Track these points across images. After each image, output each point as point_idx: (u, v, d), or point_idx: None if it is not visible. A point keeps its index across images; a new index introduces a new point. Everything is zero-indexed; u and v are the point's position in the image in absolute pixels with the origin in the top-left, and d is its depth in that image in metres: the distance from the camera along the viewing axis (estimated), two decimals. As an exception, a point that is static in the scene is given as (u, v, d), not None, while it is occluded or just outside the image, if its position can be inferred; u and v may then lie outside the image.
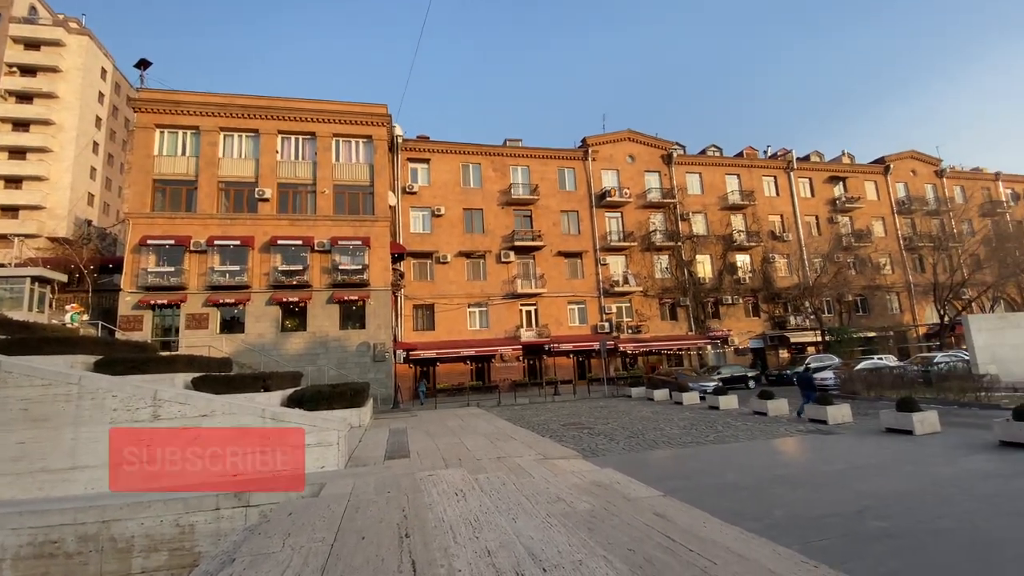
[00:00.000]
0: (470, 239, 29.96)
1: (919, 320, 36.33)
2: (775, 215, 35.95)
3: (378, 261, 24.61)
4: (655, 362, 31.59)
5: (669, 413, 16.91)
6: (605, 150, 33.77)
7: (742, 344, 32.93)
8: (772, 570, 4.01)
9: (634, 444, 11.60)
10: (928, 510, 6.10)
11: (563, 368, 29.46)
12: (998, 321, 20.50)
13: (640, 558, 4.19)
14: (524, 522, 5.24)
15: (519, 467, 8.78)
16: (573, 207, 32.32)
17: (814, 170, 37.98)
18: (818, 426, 12.73)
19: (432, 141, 31.14)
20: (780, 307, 34.00)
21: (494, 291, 29.49)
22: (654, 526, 5.10)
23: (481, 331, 28.95)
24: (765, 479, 7.98)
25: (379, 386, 23.11)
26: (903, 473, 7.94)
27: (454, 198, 30.30)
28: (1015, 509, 5.96)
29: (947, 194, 40.23)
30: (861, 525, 5.68)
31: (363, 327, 23.95)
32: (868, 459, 9.05)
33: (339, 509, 6.05)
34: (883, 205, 38.54)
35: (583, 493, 6.49)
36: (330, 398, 14.34)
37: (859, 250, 35.74)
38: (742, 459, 9.61)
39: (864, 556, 4.84)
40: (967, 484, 7.11)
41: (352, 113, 25.99)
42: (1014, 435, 9.06)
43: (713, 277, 33.16)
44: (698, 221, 34.38)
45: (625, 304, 31.75)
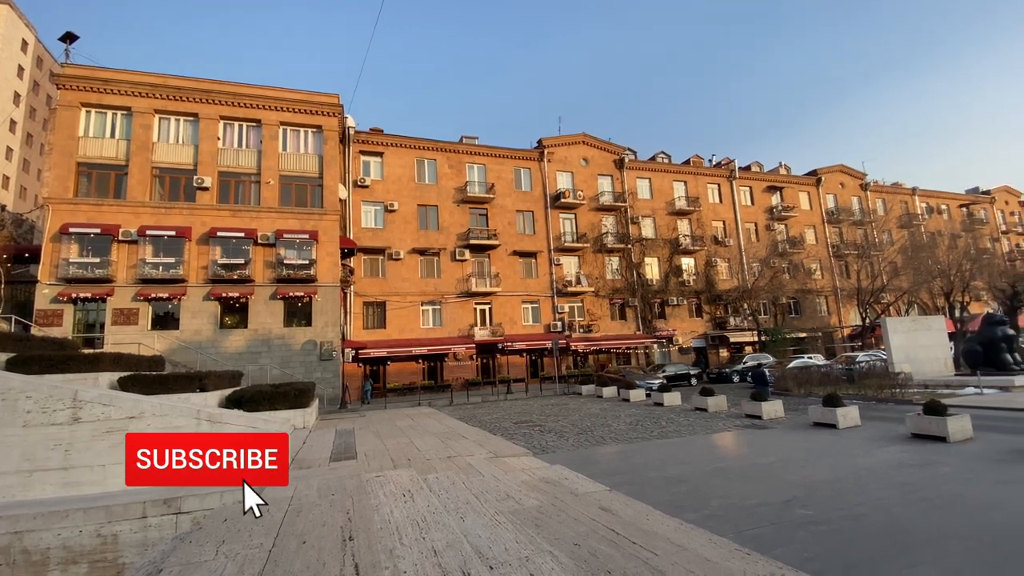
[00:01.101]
0: (424, 236, 29.55)
1: (844, 322, 39.26)
2: (718, 221, 37.75)
3: (327, 256, 23.80)
4: (605, 360, 32.40)
5: (617, 410, 17.39)
6: (560, 152, 34.25)
7: (686, 343, 34.36)
8: (708, 558, 4.22)
9: (583, 441, 11.85)
10: (848, 498, 6.60)
11: (516, 367, 29.64)
12: (912, 324, 22.49)
13: (585, 552, 4.29)
14: (472, 521, 5.24)
15: (469, 466, 8.76)
16: (529, 207, 32.57)
17: (754, 179, 40.20)
18: (753, 421, 13.49)
19: (386, 135, 30.46)
20: (721, 308, 35.74)
21: (448, 289, 29.24)
22: (599, 520, 5.24)
23: (434, 329, 28.63)
24: (704, 472, 8.37)
25: (326, 386, 22.38)
26: (827, 464, 8.55)
27: (408, 194, 29.78)
28: (923, 496, 6.56)
29: (870, 206, 43.71)
30: (789, 513, 6.07)
31: (309, 325, 23.09)
32: (797, 452, 9.69)
33: (279, 514, 5.81)
34: (814, 214, 41.36)
35: (532, 490, 6.57)
36: (272, 398, 13.75)
37: (793, 256, 38.19)
38: (683, 453, 10.03)
39: (790, 542, 5.17)
40: (883, 473, 7.75)
41: (301, 102, 24.97)
42: (924, 428, 9.97)
43: (660, 279, 34.38)
44: (647, 225, 35.54)
45: (577, 304, 32.35)
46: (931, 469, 7.81)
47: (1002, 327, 19.55)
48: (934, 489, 6.79)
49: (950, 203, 48.45)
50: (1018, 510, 5.84)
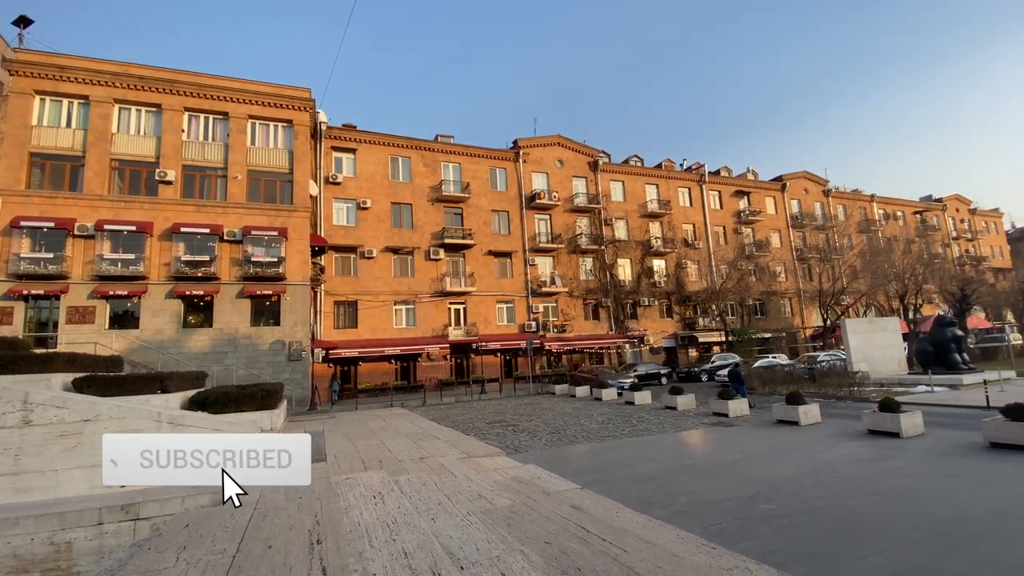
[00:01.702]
0: (398, 234, 29.23)
1: (807, 323, 40.76)
2: (688, 224, 38.64)
3: (296, 254, 23.26)
4: (578, 360, 32.74)
5: (589, 409, 17.60)
6: (536, 153, 34.43)
7: (656, 343, 35.04)
8: (675, 554, 4.33)
9: (555, 440, 11.96)
10: (808, 492, 6.87)
11: (490, 367, 29.63)
12: (869, 325, 23.53)
13: (556, 550, 4.34)
14: (444, 522, 5.22)
15: (442, 467, 8.73)
16: (504, 207, 32.61)
17: (723, 184, 41.30)
18: (720, 419, 13.88)
19: (359, 131, 30.00)
20: (691, 309, 36.58)
21: (422, 289, 29.01)
22: (570, 518, 5.30)
23: (408, 329, 28.36)
24: (673, 469, 8.57)
25: (295, 387, 21.88)
26: (789, 460, 8.88)
27: (382, 191, 29.40)
28: (876, 489, 6.88)
29: (832, 212, 45.49)
30: (753, 508, 6.28)
31: (278, 324, 22.52)
32: (761, 448, 10.02)
33: (243, 518, 5.67)
34: (780, 219, 42.78)
35: (504, 490, 6.59)
36: (238, 400, 13.36)
37: (759, 259, 39.40)
38: (653, 451, 10.24)
39: (753, 536, 5.35)
40: (840, 468, 8.09)
41: (271, 95, 24.33)
42: (879, 425, 10.46)
43: (632, 280, 34.94)
44: (620, 227, 36.07)
45: (551, 304, 32.58)
46: (885, 463, 8.20)
47: (951, 328, 20.65)
48: (887, 482, 7.13)
49: (905, 210, 50.88)
50: (962, 502, 6.19)
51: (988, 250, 54.12)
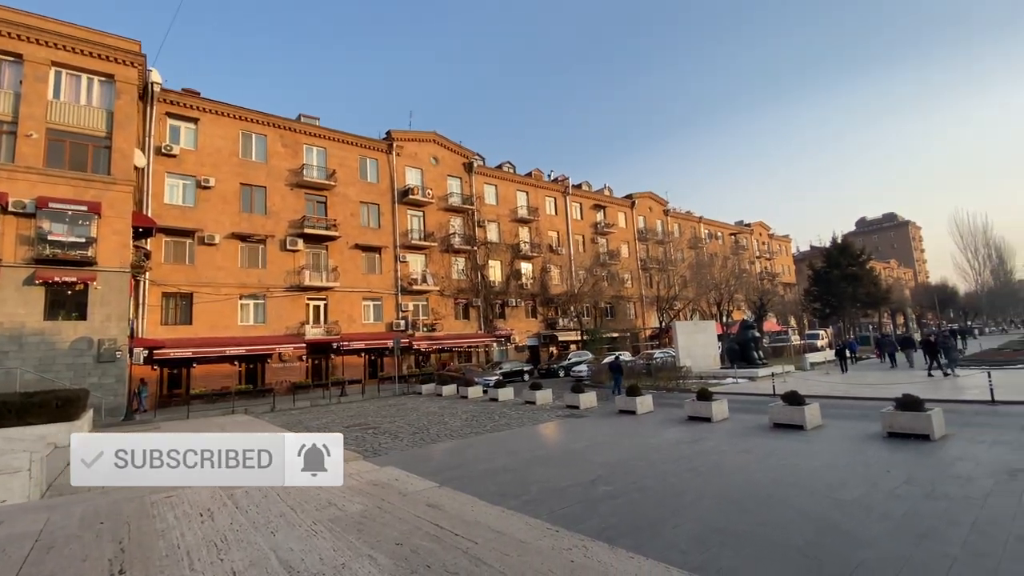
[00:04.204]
0: (248, 220, 26.16)
1: (647, 324, 46.29)
2: (553, 231, 41.25)
3: (112, 235, 19.45)
4: (447, 359, 32.75)
5: (455, 407, 17.71)
6: (410, 147, 33.64)
7: (521, 342, 36.71)
8: (522, 540, 4.57)
9: (418, 440, 11.79)
10: (639, 473, 7.78)
11: (353, 367, 28.09)
12: (693, 327, 27.50)
13: (407, 550, 4.27)
14: (285, 534, 4.80)
15: (289, 475, 8.01)
16: (374, 200, 31.23)
17: (584, 197, 44.96)
18: (572, 411, 15.03)
19: (204, 99, 26.21)
20: (553, 310, 39.08)
21: (275, 282, 26.35)
22: (425, 517, 5.27)
23: (256, 327, 25.50)
24: (527, 460, 9.03)
25: (107, 393, 18.30)
26: (626, 446, 9.96)
27: (229, 170, 26.04)
28: (692, 466, 8.06)
29: (670, 229, 52.39)
30: (594, 491, 6.91)
31: (84, 318, 18.60)
32: (604, 436, 11.08)
33: (20, 553, 4.55)
34: (628, 232, 47.95)
35: (358, 494, 6.30)
36: (22, 410, 10.82)
37: (611, 266, 43.69)
38: (511, 444, 10.68)
39: (593, 516, 5.89)
40: (666, 450, 9.32)
41: (86, 41, 20.01)
42: (696, 411, 12.26)
43: (502, 281, 36.12)
44: (492, 229, 37.05)
45: (422, 302, 32.09)
46: (699, 444, 9.66)
47: (752, 331, 25.19)
48: (700, 460, 8.41)
49: (724, 231, 60.72)
50: (753, 471, 7.57)
51: (780, 268, 67.21)
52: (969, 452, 7.76)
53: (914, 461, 7.48)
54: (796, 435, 9.82)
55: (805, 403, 10.47)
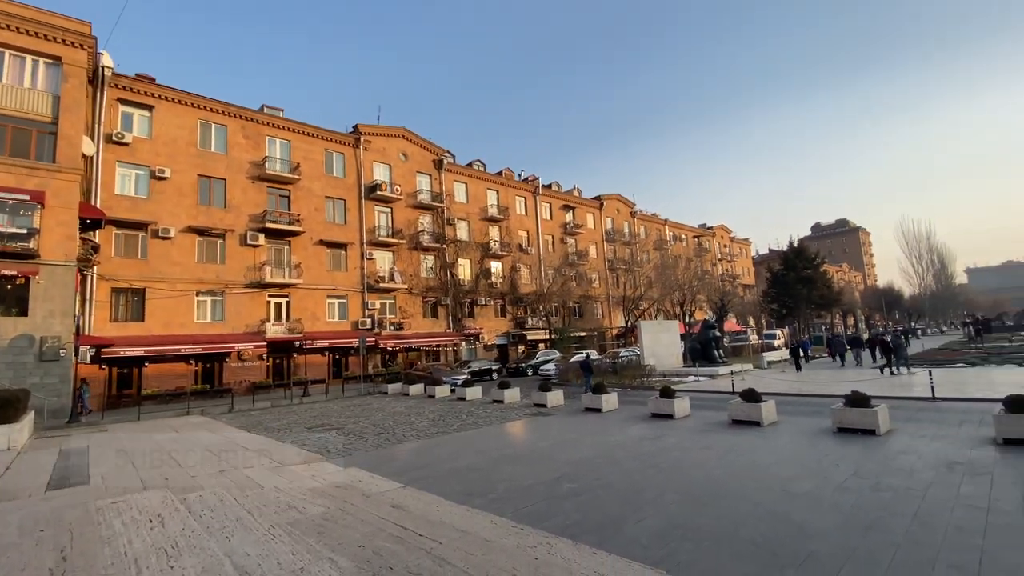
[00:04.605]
0: (206, 213, 25.11)
1: (613, 323, 47.09)
2: (523, 230, 41.39)
3: (57, 226, 18.30)
4: (414, 358, 32.37)
5: (422, 407, 17.52)
6: (378, 142, 33.05)
7: (490, 341, 36.68)
8: (487, 539, 4.56)
9: (383, 440, 11.61)
10: (603, 470, 7.90)
11: (317, 367, 27.38)
12: (657, 326, 28.11)
13: (369, 552, 4.20)
14: (241, 539, 4.64)
15: (247, 479, 7.76)
16: (340, 195, 30.52)
17: (553, 198, 45.30)
18: (539, 409, 15.13)
19: (160, 85, 24.97)
20: (522, 309, 39.21)
21: (235, 278, 25.40)
22: (389, 518, 5.19)
23: (214, 324, 24.52)
24: (494, 459, 9.03)
25: (50, 394, 17.23)
26: (591, 443, 10.09)
27: (186, 160, 24.93)
28: (655, 463, 8.24)
29: (636, 230, 53.43)
30: (559, 488, 6.97)
31: (24, 314, 17.43)
32: (570, 434, 11.20)
33: (-60, 571, 4.22)
34: (597, 233, 48.63)
35: (319, 497, 6.15)
36: (-52, 414, 9.98)
37: (579, 267, 44.21)
38: (479, 443, 10.65)
39: (558, 513, 5.93)
40: (629, 447, 9.49)
41: (30, 20, 18.72)
42: (659, 409, 12.55)
43: (471, 280, 35.99)
44: (462, 227, 36.85)
45: (389, 300, 31.60)
46: (661, 441, 9.88)
47: (713, 331, 25.99)
48: (662, 457, 8.60)
49: (687, 234, 62.38)
50: (712, 467, 7.80)
51: (741, 270, 69.57)
52: (912, 446, 8.23)
53: (861, 455, 7.88)
54: (753, 431, 10.18)
55: (762, 400, 10.87)
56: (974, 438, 8.46)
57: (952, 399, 12.53)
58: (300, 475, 7.80)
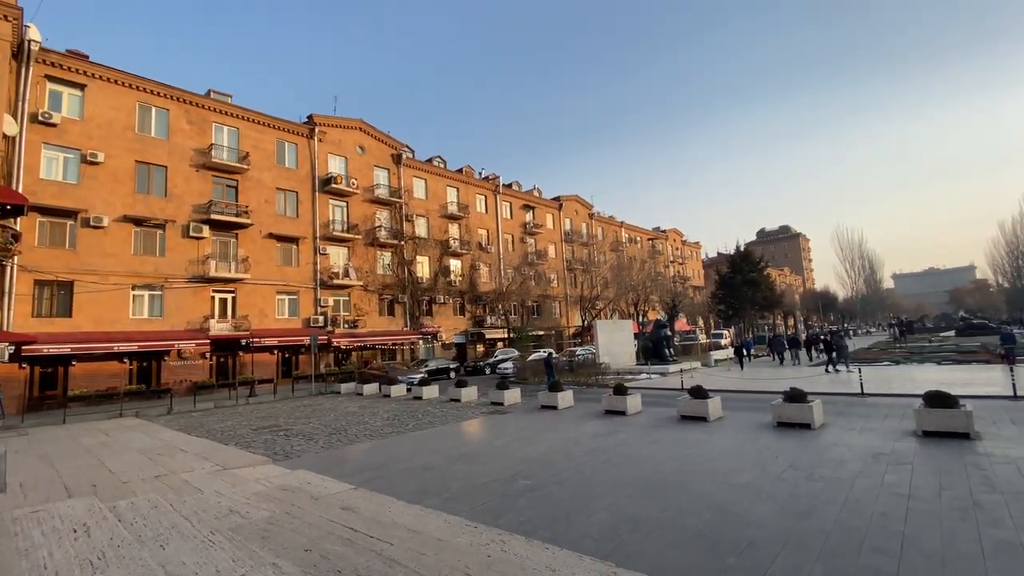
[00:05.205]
0: (144, 202, 23.55)
1: (571, 323, 47.82)
2: (483, 229, 41.31)
3: (-31, 211, 16.67)
4: (369, 357, 31.64)
5: (376, 407, 17.16)
6: (334, 134, 32.06)
7: (449, 339, 36.39)
8: (440, 538, 4.52)
9: (334, 441, 11.28)
10: (557, 466, 8.00)
11: (265, 366, 26.26)
12: (612, 325, 28.80)
13: (316, 556, 4.06)
14: (177, 547, 4.38)
15: (185, 484, 7.35)
16: (293, 187, 29.38)
17: (514, 197, 45.47)
18: (497, 407, 15.15)
19: (94, 63, 23.17)
20: (481, 308, 39.13)
21: (176, 272, 23.97)
22: (338, 520, 5.05)
23: (151, 321, 23.06)
24: (450, 458, 8.96)
25: (-47, 396, 15.65)
26: (547, 440, 10.20)
27: (123, 145, 23.29)
28: (607, 458, 8.43)
29: (594, 232, 54.45)
30: (514, 485, 7.00)
31: (-74, 308, 15.76)
32: (526, 431, 11.27)
33: None
34: (556, 233, 49.23)
35: (264, 500, 5.90)
36: None
37: (538, 266, 44.61)
38: (434, 443, 10.55)
39: (512, 510, 5.96)
40: (583, 443, 9.66)
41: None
42: (613, 405, 12.86)
43: (430, 278, 35.57)
44: (421, 224, 36.33)
45: (344, 297, 30.73)
46: (614, 436, 10.12)
47: (665, 330, 26.85)
48: (614, 452, 8.81)
49: (642, 236, 64.19)
50: (661, 461, 8.06)
51: (691, 272, 72.27)
52: (843, 439, 8.81)
53: (798, 447, 8.36)
54: (700, 426, 10.61)
55: (709, 397, 11.35)
56: (897, 431, 9.15)
57: (879, 395, 13.51)
58: (244, 478, 7.46)
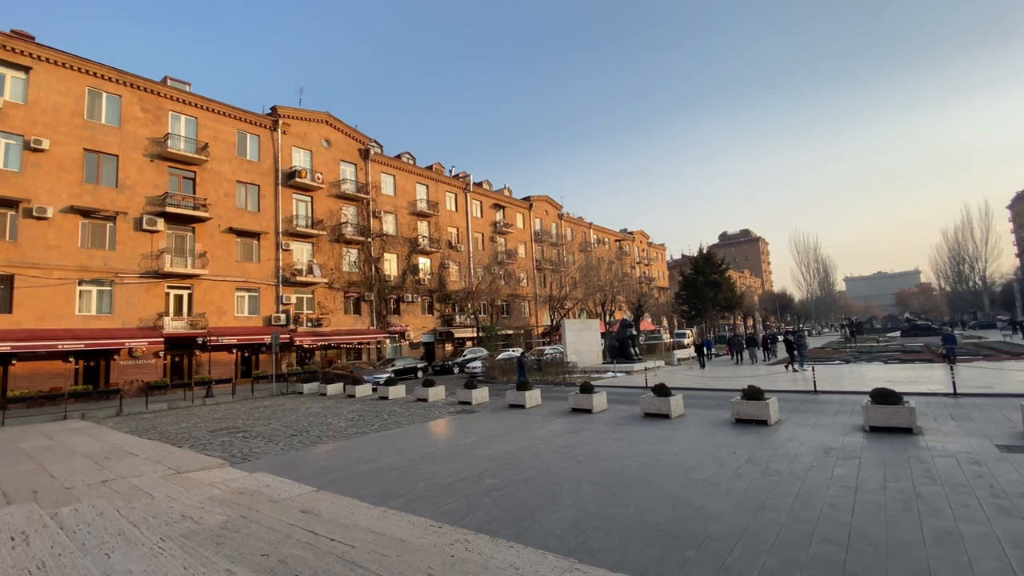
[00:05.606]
0: (93, 192, 22.28)
1: (540, 322, 48.11)
2: (453, 227, 41.03)
3: None
4: (334, 356, 30.92)
5: (340, 407, 16.81)
6: (299, 126, 31.16)
7: (417, 338, 35.98)
8: (403, 539, 4.47)
9: (295, 443, 10.99)
10: (524, 464, 8.05)
11: (223, 365, 25.28)
12: (580, 325, 29.14)
13: (273, 560, 3.95)
14: (124, 555, 4.17)
15: (135, 488, 7.01)
16: (254, 180, 28.37)
17: (484, 196, 45.37)
18: (464, 407, 15.10)
19: (40, 45, 21.73)
20: (450, 307, 38.86)
21: (127, 266, 22.78)
22: (298, 524, 4.92)
23: (100, 318, 21.84)
24: (415, 458, 8.87)
25: None
26: (514, 439, 10.24)
27: (70, 131, 21.95)
28: (573, 455, 8.53)
29: (563, 232, 54.96)
30: (479, 485, 7.00)
31: None
32: (494, 430, 11.28)
33: None
34: (526, 233, 49.42)
35: (220, 505, 5.69)
36: None
37: (508, 265, 44.66)
38: (400, 443, 10.42)
39: (477, 510, 5.96)
40: (550, 441, 9.74)
41: None
42: (579, 404, 13.02)
43: (398, 276, 35.05)
44: (389, 221, 35.76)
45: (307, 295, 29.92)
46: (580, 434, 10.26)
47: (630, 329, 27.38)
48: (580, 449, 8.93)
49: (610, 237, 65.21)
50: (625, 458, 8.22)
51: (656, 273, 73.90)
52: (796, 434, 9.21)
53: (755, 443, 8.69)
54: (663, 423, 10.88)
55: (671, 395, 11.65)
56: (847, 426, 9.64)
57: (830, 392, 14.19)
58: (199, 482, 7.17)
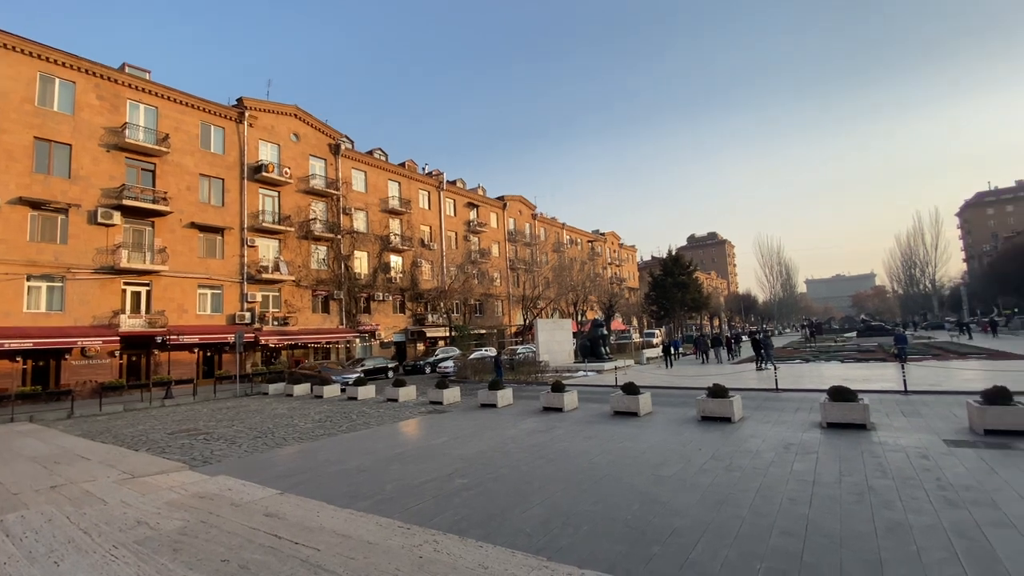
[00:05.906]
0: (43, 183, 21.10)
1: (513, 321, 48.22)
2: (426, 225, 40.67)
3: None
4: (301, 356, 30.21)
5: (307, 408, 16.43)
6: (266, 119, 30.27)
7: (388, 338, 35.51)
8: (371, 541, 4.41)
9: (259, 445, 10.68)
10: (495, 463, 8.05)
11: (184, 365, 24.35)
12: (552, 324, 29.36)
13: (234, 566, 3.83)
14: (74, 563, 3.97)
15: (87, 494, 6.68)
16: (219, 173, 27.43)
17: (458, 194, 45.14)
18: (436, 407, 14.99)
19: (-22, 22, 20.43)
20: (422, 306, 38.52)
21: (80, 261, 21.67)
22: (261, 528, 4.79)
23: (50, 315, 20.70)
24: (384, 459, 8.76)
25: None
26: (486, 438, 10.22)
27: (18, 119, 20.73)
28: (544, 454, 8.58)
29: (537, 232, 55.23)
30: (450, 485, 6.96)
31: None
32: (465, 430, 11.24)
33: None
34: (499, 233, 49.43)
35: (178, 510, 5.48)
36: None
37: (481, 265, 44.58)
38: (368, 444, 10.25)
39: (447, 510, 5.92)
40: (521, 440, 9.77)
41: None
42: (551, 403, 13.10)
43: (369, 274, 34.50)
44: (360, 218, 35.16)
45: (273, 293, 29.12)
46: (551, 433, 10.33)
47: (601, 329, 27.75)
48: (551, 448, 8.99)
49: (582, 238, 65.92)
50: (595, 456, 8.32)
51: (627, 274, 75.13)
52: (759, 431, 9.52)
53: (719, 440, 8.94)
54: (632, 421, 11.07)
55: (640, 393, 11.86)
56: (806, 423, 10.02)
57: (792, 390, 14.73)
58: (156, 487, 6.89)
